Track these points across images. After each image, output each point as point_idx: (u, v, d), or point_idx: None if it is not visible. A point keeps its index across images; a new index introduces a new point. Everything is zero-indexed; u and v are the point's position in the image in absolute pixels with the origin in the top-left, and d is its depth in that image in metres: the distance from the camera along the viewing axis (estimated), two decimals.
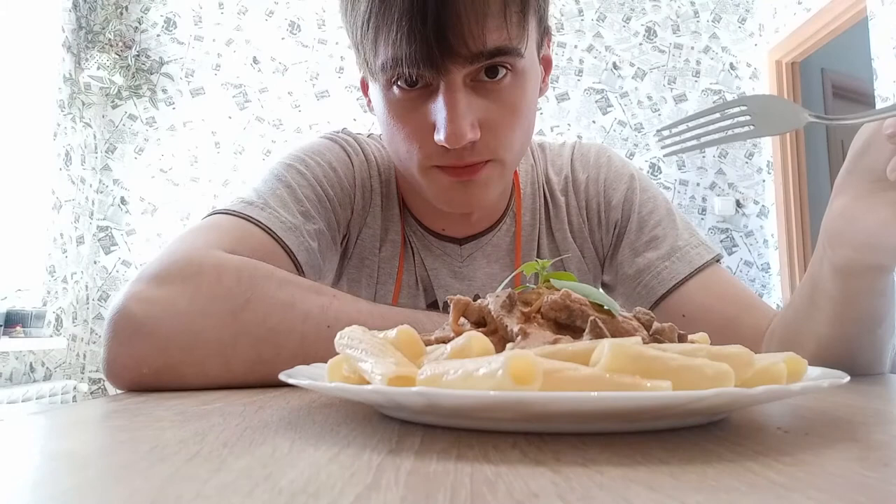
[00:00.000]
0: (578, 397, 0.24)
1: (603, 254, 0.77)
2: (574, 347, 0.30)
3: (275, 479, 0.20)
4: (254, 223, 0.60)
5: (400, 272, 0.74)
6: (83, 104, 3.20)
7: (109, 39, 3.21)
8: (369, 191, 0.73)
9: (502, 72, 0.58)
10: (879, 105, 2.49)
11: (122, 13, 3.36)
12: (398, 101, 0.60)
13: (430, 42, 0.53)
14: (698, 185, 3.41)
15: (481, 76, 0.58)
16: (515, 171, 0.77)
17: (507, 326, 0.34)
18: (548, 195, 0.78)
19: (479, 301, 0.37)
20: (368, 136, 0.78)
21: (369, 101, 0.69)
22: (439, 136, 0.57)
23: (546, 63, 0.69)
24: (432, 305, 0.74)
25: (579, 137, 3.38)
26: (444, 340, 0.36)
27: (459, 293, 0.73)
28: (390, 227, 0.74)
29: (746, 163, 3.43)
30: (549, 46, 0.69)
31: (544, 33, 0.66)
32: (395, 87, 0.59)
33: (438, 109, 0.57)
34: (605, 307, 0.35)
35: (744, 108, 0.45)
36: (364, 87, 0.70)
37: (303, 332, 0.51)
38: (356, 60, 0.67)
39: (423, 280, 0.74)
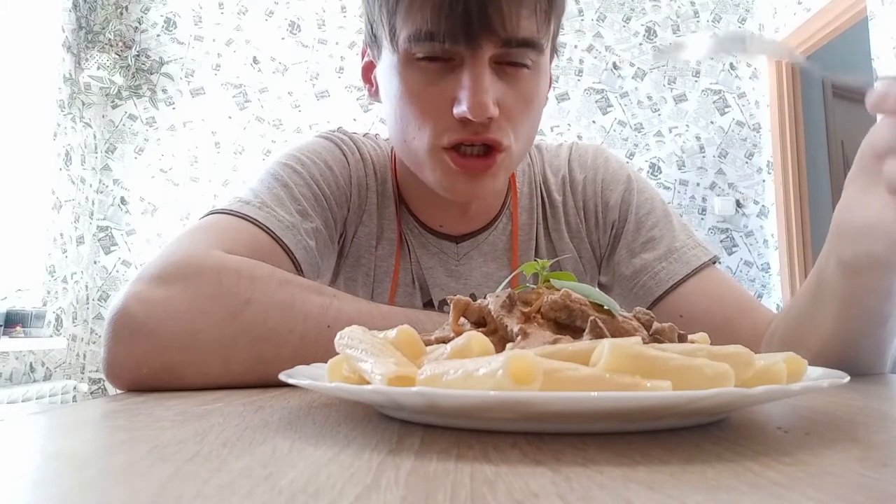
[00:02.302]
0: (578, 397, 0.24)
1: (600, 254, 0.77)
2: (574, 347, 0.30)
3: (275, 479, 0.20)
4: (252, 222, 0.60)
5: (396, 270, 0.74)
6: (83, 104, 3.20)
7: (109, 39, 3.21)
8: (365, 189, 0.74)
9: (525, 60, 0.60)
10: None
11: (122, 13, 3.36)
12: (418, 74, 0.60)
13: (471, 16, 0.55)
14: (698, 185, 3.41)
15: (505, 60, 0.60)
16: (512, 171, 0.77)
17: (507, 326, 0.34)
18: (545, 195, 0.78)
19: (479, 301, 0.37)
20: (364, 135, 0.78)
21: (371, 87, 0.70)
22: (461, 108, 0.58)
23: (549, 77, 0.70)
24: (428, 304, 0.74)
25: (579, 137, 3.38)
26: (444, 340, 0.36)
27: (455, 292, 0.73)
28: (386, 225, 0.74)
29: (746, 163, 3.44)
30: (552, 62, 0.70)
31: (554, 48, 0.68)
32: (415, 60, 0.60)
33: (463, 83, 0.58)
34: (605, 307, 0.35)
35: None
36: (366, 73, 0.70)
37: (303, 331, 0.51)
38: (366, 39, 0.68)
39: (419, 278, 0.74)
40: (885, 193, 0.41)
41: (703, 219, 3.38)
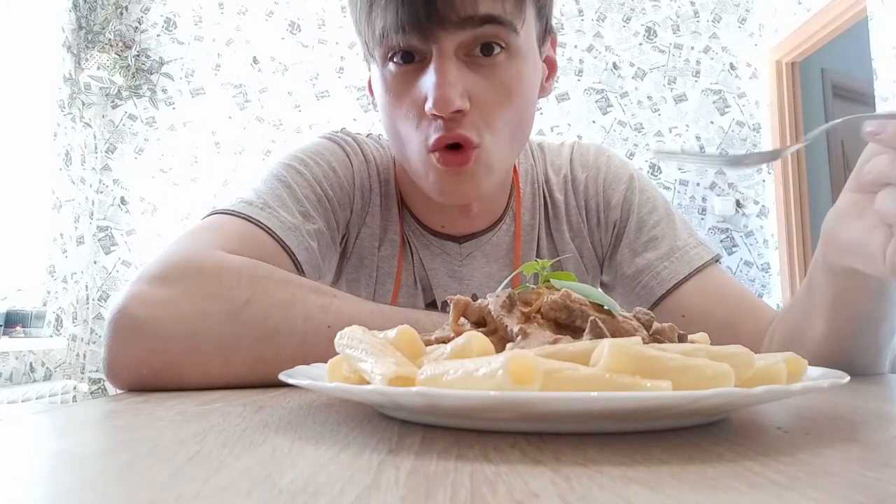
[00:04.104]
0: (578, 397, 0.24)
1: (602, 254, 0.77)
2: (574, 347, 0.30)
3: (275, 479, 0.20)
4: (254, 223, 0.60)
5: (399, 272, 0.74)
6: (83, 104, 3.20)
7: (109, 39, 3.21)
8: (368, 190, 0.74)
9: (496, 49, 0.59)
10: (879, 105, 2.49)
11: (122, 13, 3.36)
12: (394, 78, 0.60)
13: (417, 7, 0.55)
14: (698, 185, 3.41)
15: (475, 52, 0.58)
16: (515, 170, 0.77)
17: (507, 326, 0.34)
18: (547, 195, 0.78)
19: (479, 301, 0.37)
20: (367, 136, 0.78)
21: (373, 99, 0.70)
22: (428, 104, 0.57)
23: (550, 65, 0.69)
24: (431, 305, 0.74)
25: (579, 137, 3.38)
26: (444, 340, 0.36)
27: (457, 293, 0.73)
28: (389, 226, 0.74)
29: None
30: (553, 48, 0.69)
31: (547, 31, 0.66)
32: (391, 64, 0.60)
33: (428, 78, 0.58)
34: (605, 307, 0.35)
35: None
36: (370, 86, 0.70)
37: (303, 331, 0.51)
38: (363, 54, 0.68)
39: (421, 280, 0.74)
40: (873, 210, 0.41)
41: (703, 219, 3.38)
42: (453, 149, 0.60)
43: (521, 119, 0.63)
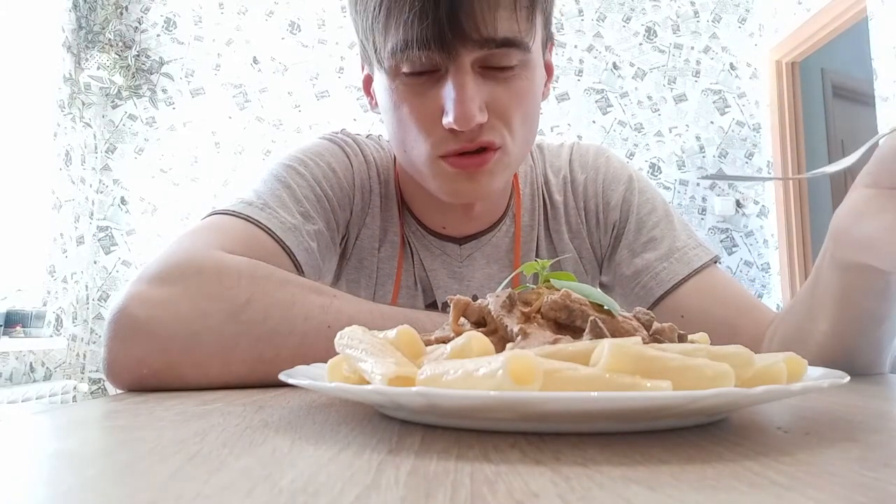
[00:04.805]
0: (578, 397, 0.24)
1: (601, 254, 0.77)
2: (574, 347, 0.30)
3: (275, 479, 0.20)
4: (253, 223, 0.60)
5: (399, 273, 0.74)
6: (83, 104, 3.20)
7: (109, 39, 3.21)
8: (368, 191, 0.74)
9: (510, 62, 0.59)
10: (879, 105, 2.49)
11: (122, 13, 3.36)
12: (405, 88, 0.60)
13: (442, 24, 0.55)
14: (698, 185, 3.41)
15: (489, 63, 0.59)
16: (514, 173, 0.77)
17: (507, 326, 0.34)
18: (546, 196, 0.78)
19: (479, 301, 0.37)
20: (367, 136, 0.78)
21: (371, 99, 0.70)
22: (448, 119, 0.58)
23: (548, 69, 0.69)
24: (431, 306, 0.74)
25: (579, 137, 3.38)
26: (444, 340, 0.36)
27: (457, 293, 0.73)
28: (389, 227, 0.74)
29: (746, 163, 3.43)
30: (551, 52, 0.70)
31: (548, 37, 0.67)
32: (402, 74, 0.60)
33: (447, 93, 0.58)
34: (605, 307, 0.35)
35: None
36: (366, 86, 0.70)
37: (303, 331, 0.51)
38: (360, 55, 0.68)
39: (421, 280, 0.74)
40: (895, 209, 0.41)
41: (703, 219, 3.38)
42: (473, 152, 0.61)
43: (532, 122, 0.65)
